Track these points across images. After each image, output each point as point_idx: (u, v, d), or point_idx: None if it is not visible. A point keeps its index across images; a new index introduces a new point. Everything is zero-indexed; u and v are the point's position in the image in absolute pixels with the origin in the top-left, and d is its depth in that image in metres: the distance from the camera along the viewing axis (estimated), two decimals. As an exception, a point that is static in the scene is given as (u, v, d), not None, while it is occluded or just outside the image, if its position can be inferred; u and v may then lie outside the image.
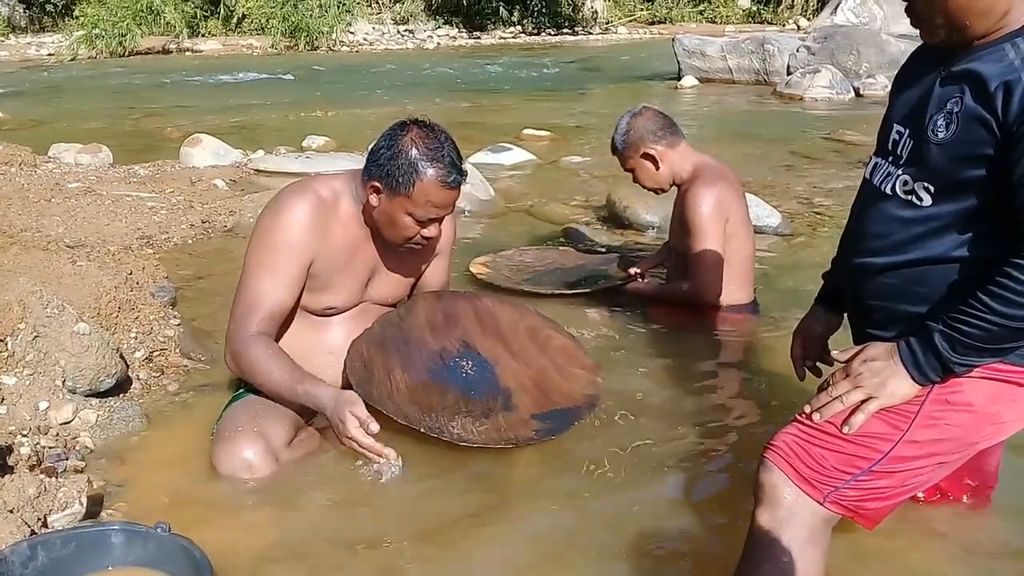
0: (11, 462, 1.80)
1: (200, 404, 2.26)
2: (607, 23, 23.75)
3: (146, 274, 3.15)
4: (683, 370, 2.54)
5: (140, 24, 16.61)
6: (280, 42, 17.47)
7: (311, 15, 18.02)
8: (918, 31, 1.43)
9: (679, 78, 11.10)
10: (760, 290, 3.01)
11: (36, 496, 1.63)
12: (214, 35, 18.83)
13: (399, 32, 20.69)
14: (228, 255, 3.57)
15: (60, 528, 1.61)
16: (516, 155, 5.88)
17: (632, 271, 3.16)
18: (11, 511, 1.58)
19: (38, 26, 19.14)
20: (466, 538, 1.76)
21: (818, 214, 4.44)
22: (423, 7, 22.03)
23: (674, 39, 11.71)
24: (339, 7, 18.77)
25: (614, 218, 4.28)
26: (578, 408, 2.16)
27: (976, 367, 1.37)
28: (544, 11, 22.60)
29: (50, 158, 5.70)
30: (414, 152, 1.94)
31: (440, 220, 2.05)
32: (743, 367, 2.69)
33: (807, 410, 1.47)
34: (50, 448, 1.94)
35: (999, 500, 1.82)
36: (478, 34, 21.35)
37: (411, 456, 1.94)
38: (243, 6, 18.79)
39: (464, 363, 2.16)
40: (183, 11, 17.80)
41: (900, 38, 9.85)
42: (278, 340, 2.03)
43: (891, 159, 1.49)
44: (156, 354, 2.56)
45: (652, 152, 2.81)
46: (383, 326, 2.16)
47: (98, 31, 15.90)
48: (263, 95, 10.21)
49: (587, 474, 1.99)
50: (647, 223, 4.11)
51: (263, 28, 18.17)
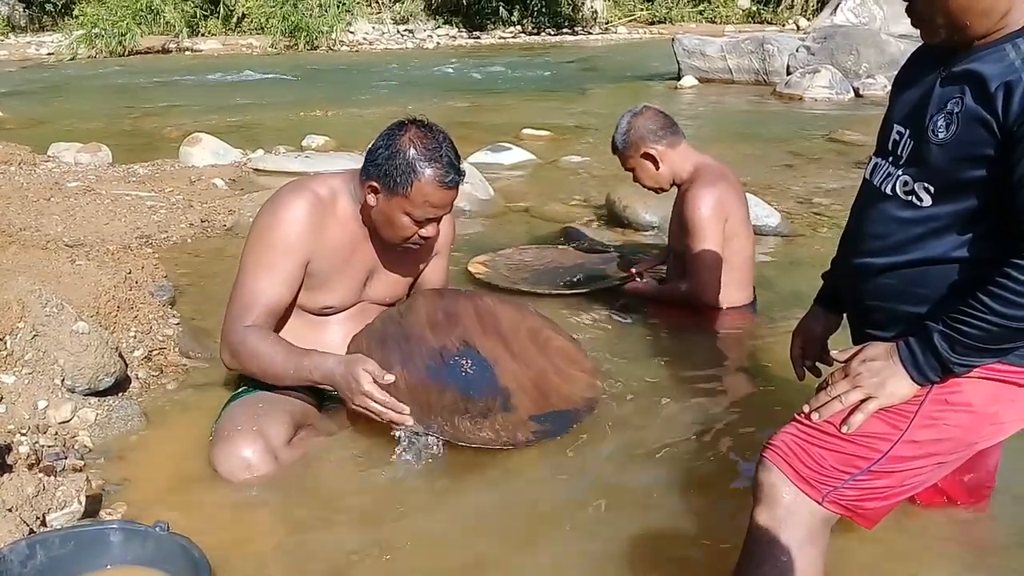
0: (10, 461, 1.80)
1: (199, 403, 2.26)
2: (607, 23, 23.76)
3: (145, 273, 3.15)
4: (682, 370, 2.53)
5: (140, 24, 16.63)
6: (280, 42, 17.48)
7: (311, 15, 18.02)
8: (918, 31, 1.42)
9: (679, 78, 11.11)
10: (759, 290, 3.01)
11: (35, 495, 1.63)
12: (214, 35, 18.84)
13: (399, 32, 20.70)
14: (227, 254, 3.57)
15: (59, 527, 1.61)
16: (516, 155, 5.88)
17: (632, 271, 3.16)
18: (10, 510, 1.57)
19: (38, 25, 19.15)
20: (465, 538, 1.76)
21: (817, 214, 4.44)
22: (423, 7, 22.03)
23: (674, 39, 11.72)
24: (339, 7, 18.77)
25: (613, 218, 4.28)
26: (577, 411, 2.16)
27: (975, 367, 1.37)
28: (544, 11, 22.62)
29: (49, 157, 5.70)
30: (412, 152, 1.94)
31: (438, 220, 2.05)
32: (742, 367, 2.68)
33: (806, 410, 1.47)
34: (49, 447, 1.94)
35: (997, 500, 1.82)
36: (478, 34, 21.36)
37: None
38: (243, 6, 18.80)
39: (464, 362, 2.16)
40: (183, 11, 17.81)
41: (900, 38, 9.86)
42: (276, 339, 2.03)
43: (891, 159, 1.49)
44: (155, 353, 2.56)
45: (652, 152, 2.81)
46: (384, 322, 2.15)
47: (98, 30, 15.92)
48: (263, 94, 10.20)
49: (586, 474, 1.99)
50: (646, 223, 4.11)
51: (263, 28, 18.18)
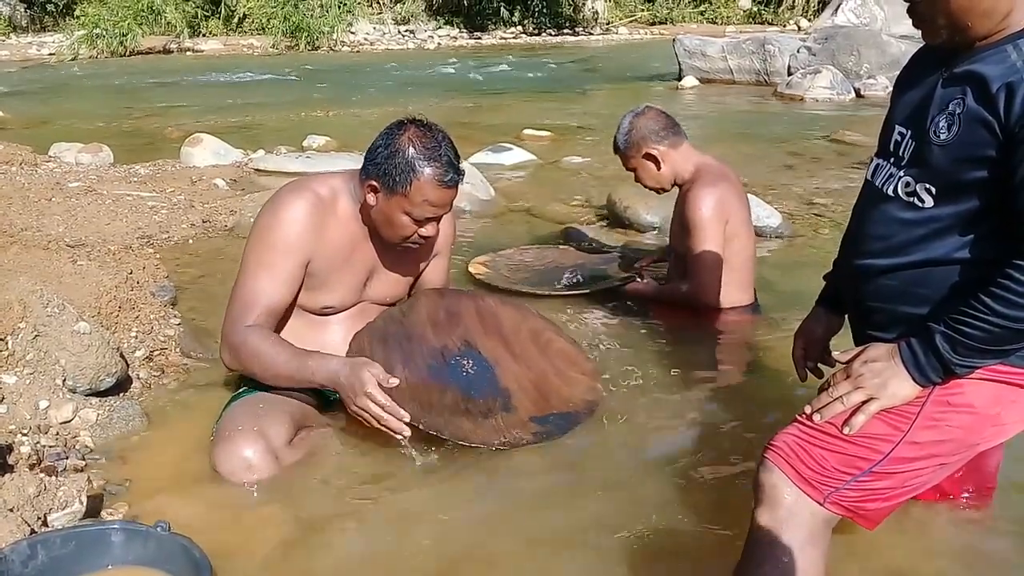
0: (11, 461, 1.80)
1: (200, 403, 2.26)
2: (608, 23, 23.76)
3: (146, 273, 3.15)
4: (683, 371, 2.53)
5: (141, 24, 16.65)
6: (281, 42, 17.49)
7: (312, 15, 18.03)
8: (920, 32, 1.42)
9: (680, 78, 11.10)
10: (760, 291, 3.01)
11: (36, 495, 1.63)
12: (215, 35, 18.84)
13: (400, 32, 20.70)
14: (228, 254, 3.57)
15: (60, 527, 1.61)
16: (516, 155, 5.88)
17: (636, 266, 3.16)
18: (11, 510, 1.57)
19: (39, 26, 19.16)
20: (465, 537, 1.76)
21: (818, 215, 4.43)
22: (424, 7, 22.04)
23: (675, 39, 11.71)
24: (340, 7, 18.78)
25: (614, 218, 4.27)
26: (577, 413, 2.16)
27: (977, 368, 1.37)
28: (545, 11, 22.62)
29: (51, 157, 5.70)
30: (411, 151, 1.94)
31: (438, 219, 2.05)
32: (744, 368, 2.68)
33: (808, 411, 1.47)
34: (50, 447, 1.94)
35: (999, 500, 1.82)
36: (479, 34, 21.36)
37: (410, 454, 1.95)
38: (244, 6, 18.81)
39: (465, 362, 2.16)
40: (184, 11, 17.82)
41: (901, 39, 9.85)
42: (276, 339, 2.03)
43: (893, 160, 1.49)
44: (156, 353, 2.56)
45: (654, 152, 2.81)
46: (385, 321, 2.16)
47: (99, 31, 15.93)
48: (264, 95, 10.21)
49: (587, 474, 1.99)
50: (647, 223, 4.11)
51: (264, 28, 18.19)
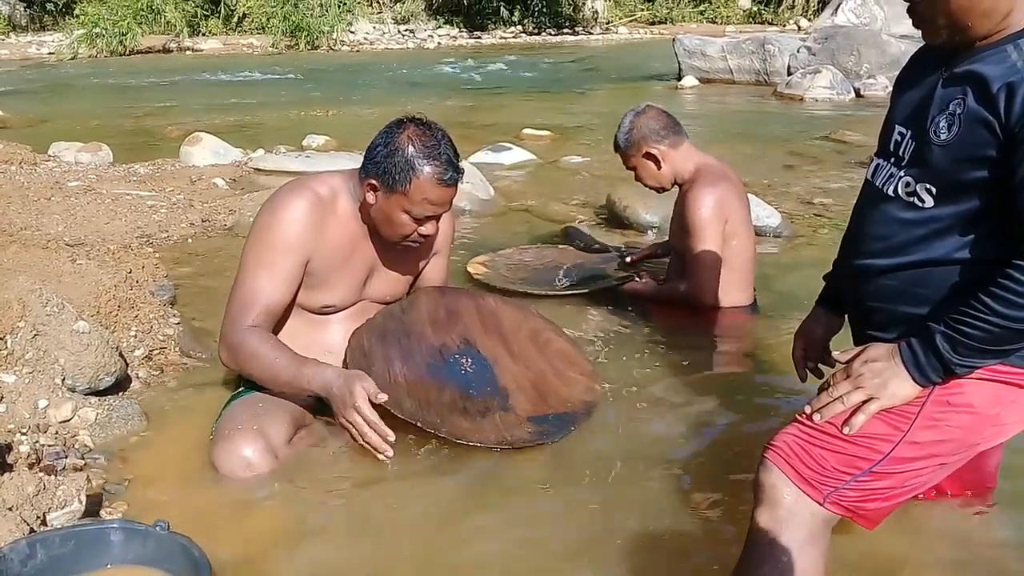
0: (10, 460, 1.80)
1: (199, 402, 2.26)
2: (607, 23, 23.76)
3: (146, 273, 3.15)
4: (682, 371, 2.53)
5: (141, 23, 16.66)
6: (280, 41, 17.50)
7: (312, 14, 18.03)
8: (920, 32, 1.42)
9: (679, 78, 11.10)
10: (760, 291, 3.01)
11: (35, 494, 1.63)
12: (214, 34, 18.85)
13: (400, 32, 20.71)
14: (228, 254, 3.57)
15: (59, 526, 1.60)
16: (516, 155, 5.88)
17: (627, 260, 3.17)
18: (10, 509, 1.57)
19: (39, 25, 19.17)
20: (465, 537, 1.76)
21: (818, 215, 4.43)
22: (424, 7, 22.04)
23: (675, 39, 11.71)
24: (340, 7, 18.78)
25: (614, 218, 4.27)
26: (575, 414, 2.16)
27: (977, 368, 1.36)
28: (545, 11, 22.63)
29: (50, 156, 5.69)
30: (410, 150, 1.94)
31: (437, 218, 2.05)
32: (743, 367, 2.68)
33: (807, 410, 1.47)
34: (49, 446, 1.94)
35: (999, 499, 1.82)
36: (479, 34, 21.37)
37: (409, 452, 1.95)
38: (244, 5, 18.81)
39: (464, 360, 2.16)
40: (183, 10, 17.83)
41: (901, 39, 9.85)
42: (276, 338, 2.03)
43: (893, 160, 1.49)
44: (156, 352, 2.56)
45: (654, 151, 2.81)
46: (385, 318, 2.16)
47: (99, 30, 15.94)
48: (263, 94, 10.21)
49: (586, 474, 1.99)
50: (647, 223, 4.11)
51: (263, 27, 18.19)
